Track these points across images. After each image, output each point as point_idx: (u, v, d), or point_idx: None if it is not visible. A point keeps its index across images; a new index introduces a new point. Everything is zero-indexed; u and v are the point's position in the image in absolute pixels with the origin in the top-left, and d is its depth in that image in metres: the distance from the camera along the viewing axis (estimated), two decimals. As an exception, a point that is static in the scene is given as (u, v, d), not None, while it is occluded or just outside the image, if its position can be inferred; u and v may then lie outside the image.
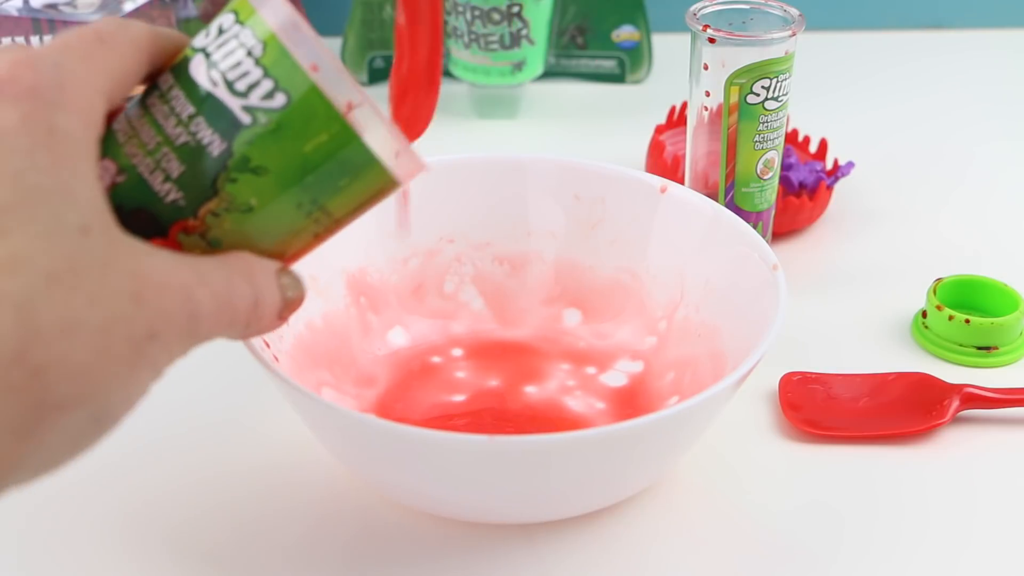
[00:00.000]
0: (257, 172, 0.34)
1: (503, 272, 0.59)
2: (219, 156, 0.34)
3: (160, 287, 0.31)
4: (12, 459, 0.28)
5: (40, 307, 0.28)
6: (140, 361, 0.30)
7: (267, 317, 0.36)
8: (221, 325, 0.33)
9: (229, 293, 0.33)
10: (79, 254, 0.29)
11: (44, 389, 0.28)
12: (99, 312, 0.29)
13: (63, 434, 0.29)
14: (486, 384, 0.56)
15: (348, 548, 0.47)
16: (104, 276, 0.29)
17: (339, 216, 0.37)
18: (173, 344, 0.31)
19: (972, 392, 0.54)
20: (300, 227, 0.36)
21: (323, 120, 0.34)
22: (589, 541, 0.48)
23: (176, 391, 0.56)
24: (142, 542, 0.47)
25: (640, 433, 0.43)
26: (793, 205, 0.67)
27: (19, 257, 0.28)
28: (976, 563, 0.47)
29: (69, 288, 0.28)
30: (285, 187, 0.35)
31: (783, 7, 0.59)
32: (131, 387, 0.30)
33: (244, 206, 0.35)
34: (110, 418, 0.30)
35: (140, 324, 0.30)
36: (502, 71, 0.81)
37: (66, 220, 0.29)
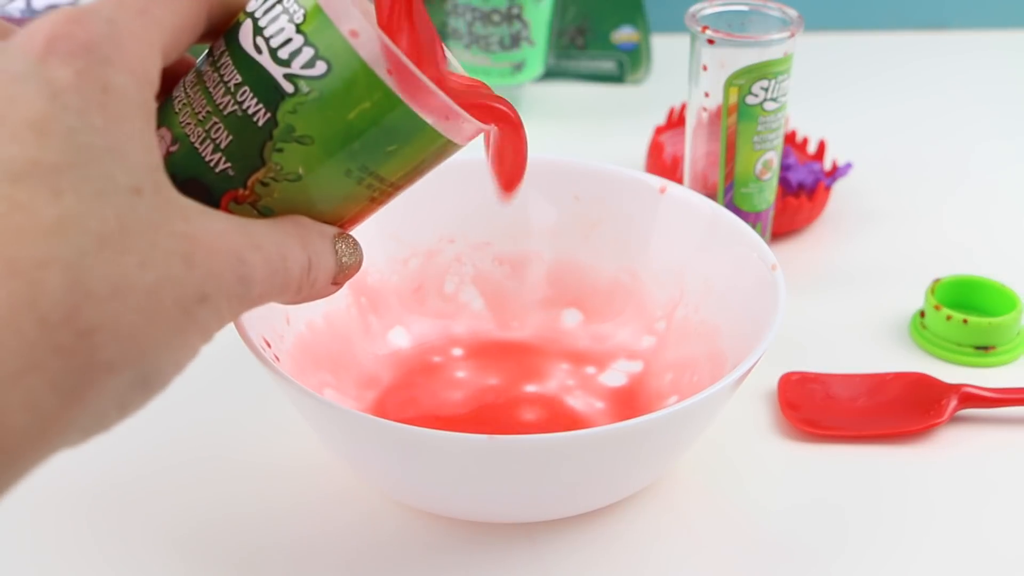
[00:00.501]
0: (302, 141, 0.34)
1: (503, 272, 0.59)
2: (264, 126, 0.33)
3: (211, 249, 0.30)
4: (61, 421, 0.28)
5: (90, 269, 0.27)
6: (189, 324, 0.30)
7: (320, 282, 0.35)
8: (273, 289, 0.33)
9: (282, 257, 0.33)
10: (130, 215, 0.29)
11: (93, 351, 0.27)
12: (150, 274, 0.29)
13: (111, 396, 0.29)
14: (486, 384, 0.56)
15: (348, 548, 0.47)
16: (155, 238, 0.29)
17: (394, 180, 0.36)
18: (223, 307, 0.31)
19: (970, 392, 0.54)
20: (353, 193, 0.35)
21: (364, 87, 0.33)
22: (589, 540, 0.48)
23: (177, 391, 0.56)
24: (142, 541, 0.48)
25: (640, 433, 0.43)
26: (792, 205, 0.67)
27: (70, 219, 0.28)
28: (975, 562, 0.48)
29: (120, 250, 0.28)
30: (331, 155, 0.34)
31: (782, 8, 0.59)
32: (180, 349, 0.30)
33: (292, 175, 0.34)
34: (159, 380, 0.30)
35: (191, 286, 0.30)
36: (502, 72, 0.81)
37: (118, 181, 0.29)
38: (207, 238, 0.31)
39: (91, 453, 0.52)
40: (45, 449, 0.28)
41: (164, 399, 0.56)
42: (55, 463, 0.51)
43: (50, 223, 0.27)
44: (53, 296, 0.27)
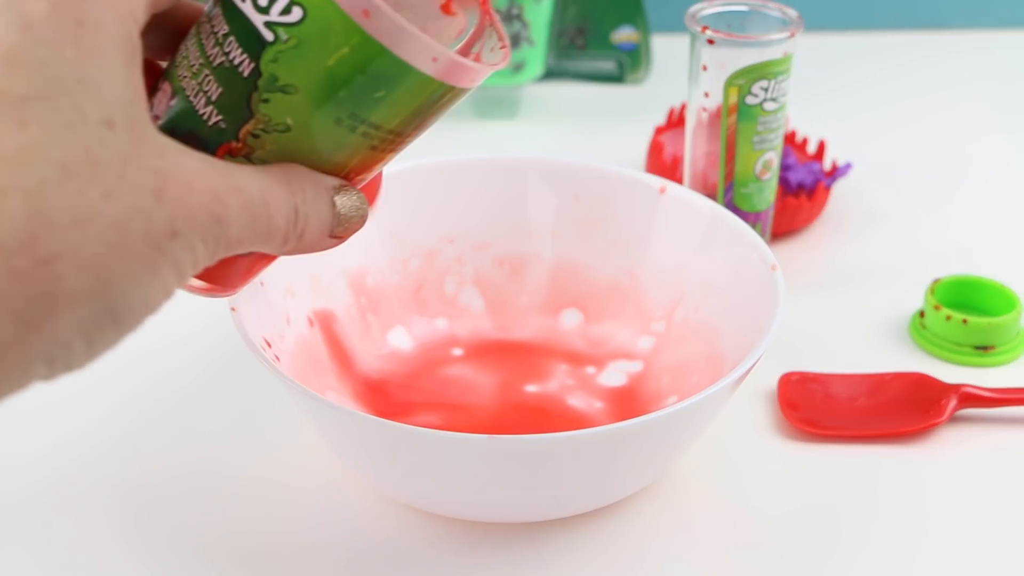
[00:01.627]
0: (286, 91, 0.33)
1: (503, 272, 0.59)
2: (250, 76, 0.33)
3: (184, 186, 0.30)
4: (21, 349, 0.27)
5: (52, 198, 0.27)
6: (160, 259, 0.29)
7: (312, 233, 0.35)
8: (255, 235, 0.33)
9: (264, 202, 0.33)
10: (98, 148, 0.28)
11: (53, 279, 0.27)
12: (115, 206, 0.28)
13: (75, 328, 0.28)
14: (486, 384, 0.56)
15: (348, 547, 0.47)
16: (123, 171, 0.29)
17: (394, 127, 0.35)
18: (197, 246, 0.30)
19: (969, 392, 0.54)
20: (349, 143, 0.35)
21: (341, 33, 0.33)
22: (589, 540, 0.48)
23: (177, 390, 0.56)
24: (142, 541, 0.48)
25: (639, 432, 0.43)
26: (791, 205, 0.67)
27: (33, 149, 0.27)
28: (974, 562, 0.48)
29: (84, 180, 0.28)
30: (318, 104, 0.34)
31: (781, 8, 0.59)
32: (150, 285, 0.30)
33: (281, 126, 0.34)
34: (129, 316, 0.29)
35: (160, 221, 0.29)
36: (502, 72, 0.81)
37: (88, 113, 0.28)
38: (181, 175, 0.30)
39: (91, 453, 0.52)
40: (5, 379, 0.28)
41: (165, 398, 0.56)
42: (54, 464, 0.51)
43: (12, 153, 0.27)
44: (10, 223, 0.27)
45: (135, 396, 0.55)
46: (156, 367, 0.57)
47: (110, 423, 0.54)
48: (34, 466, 0.51)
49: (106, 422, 0.54)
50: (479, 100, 0.83)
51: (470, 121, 0.83)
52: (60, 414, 0.54)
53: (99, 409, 0.55)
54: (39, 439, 0.53)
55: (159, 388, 0.56)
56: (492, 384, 0.56)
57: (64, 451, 0.52)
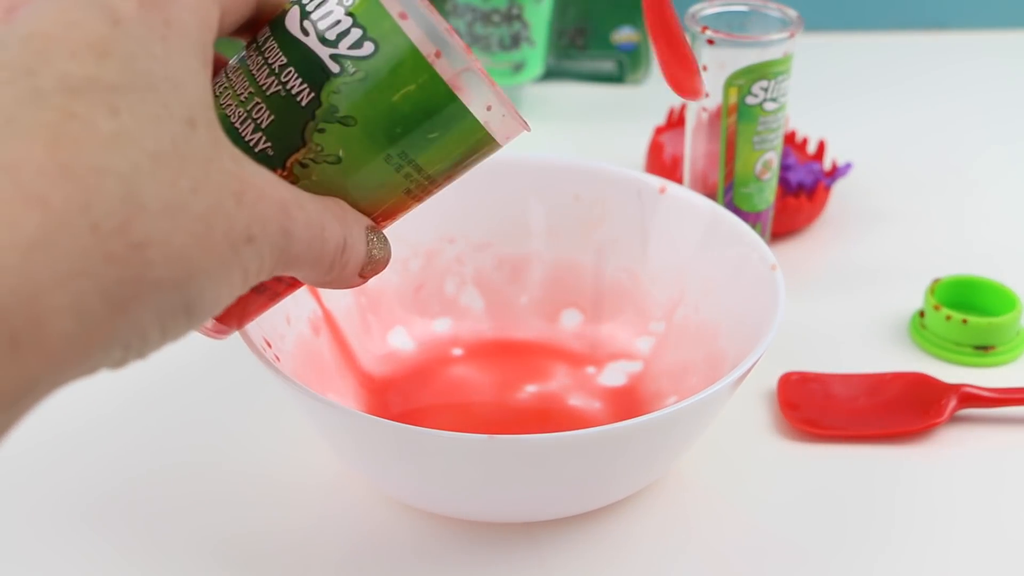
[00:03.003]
0: (345, 122, 0.34)
1: (503, 272, 0.59)
2: (307, 105, 0.34)
3: (260, 194, 0.31)
4: (107, 331, 0.27)
5: (145, 184, 0.28)
6: (235, 260, 0.30)
7: (351, 267, 0.35)
8: (309, 257, 0.33)
9: (321, 226, 0.33)
10: (184, 143, 0.29)
11: (144, 265, 0.27)
12: (202, 201, 0.29)
13: (155, 315, 0.28)
14: (486, 384, 0.56)
15: (348, 548, 0.47)
16: (208, 168, 0.29)
17: (432, 173, 0.36)
18: (266, 254, 0.31)
19: (969, 392, 0.54)
20: (390, 182, 0.35)
21: (410, 69, 0.33)
22: (589, 540, 0.48)
23: (177, 389, 0.56)
24: (143, 540, 0.48)
25: (639, 433, 0.43)
26: (791, 205, 0.67)
27: (126, 135, 0.28)
28: (973, 562, 0.48)
29: (174, 172, 0.28)
30: (373, 138, 0.34)
31: (781, 9, 0.59)
32: (224, 284, 0.30)
33: (332, 157, 0.34)
34: (200, 309, 0.30)
35: (240, 223, 0.30)
36: (502, 72, 0.81)
37: (173, 110, 0.29)
38: (256, 182, 0.31)
39: (89, 453, 0.52)
40: (87, 361, 0.28)
41: (165, 398, 0.56)
42: (53, 465, 0.51)
43: (106, 136, 0.27)
44: (107, 204, 0.27)
45: (135, 396, 0.55)
46: (156, 367, 0.57)
47: (110, 423, 0.54)
48: (32, 467, 0.51)
49: (106, 422, 0.54)
50: (479, 100, 0.83)
51: (470, 121, 0.82)
52: (60, 414, 0.54)
53: (99, 408, 0.55)
54: (37, 439, 0.53)
55: (158, 388, 0.56)
56: (492, 384, 0.56)
57: (63, 451, 0.52)
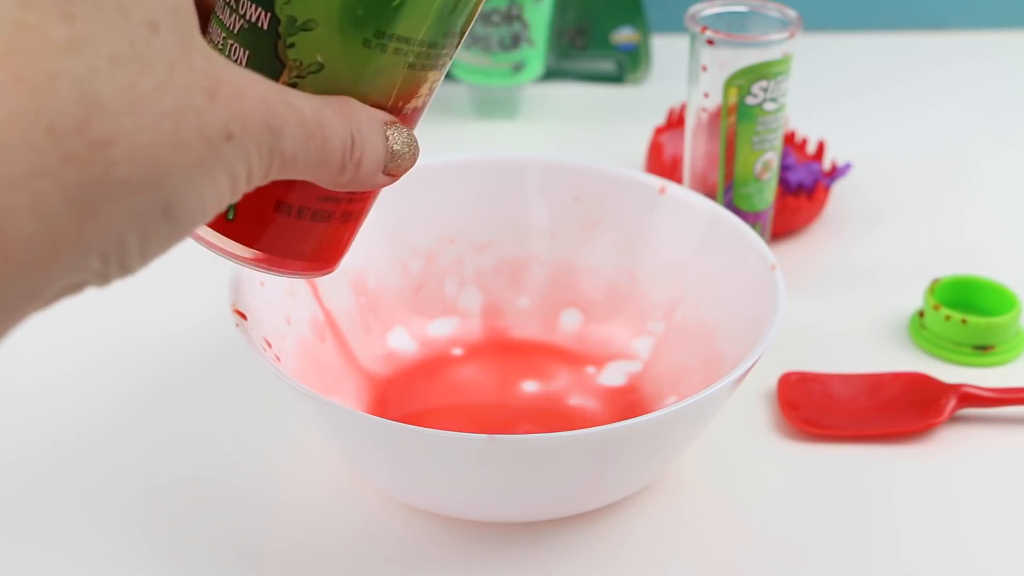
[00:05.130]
0: (307, 27, 0.33)
1: (503, 273, 0.59)
2: (269, 27, 0.34)
3: (237, 90, 0.30)
4: (75, 235, 0.27)
5: (102, 85, 0.27)
6: (215, 160, 0.29)
7: (367, 165, 0.34)
8: (310, 156, 0.32)
9: (319, 123, 0.32)
10: (143, 45, 0.28)
11: (107, 163, 0.27)
12: (167, 99, 0.28)
13: (131, 221, 0.28)
14: (486, 383, 0.56)
15: (348, 547, 0.47)
16: (172, 69, 0.29)
17: (423, 37, 0.35)
18: (251, 152, 0.30)
19: (969, 391, 0.54)
20: (385, 65, 0.35)
21: None
22: (589, 540, 0.48)
23: (177, 389, 0.56)
24: (143, 539, 0.48)
25: (639, 432, 0.43)
26: (791, 206, 0.67)
27: (81, 40, 0.27)
28: (973, 561, 0.48)
29: (133, 72, 0.28)
30: (340, 31, 0.34)
31: (781, 9, 0.59)
32: (205, 184, 0.29)
33: (314, 66, 0.34)
34: (182, 216, 0.29)
35: (214, 120, 0.29)
36: (502, 72, 0.81)
37: (132, 13, 0.28)
38: (234, 80, 0.30)
39: (89, 454, 0.52)
40: (59, 266, 0.27)
41: (165, 398, 0.56)
42: (52, 467, 0.51)
43: (60, 43, 0.27)
44: (62, 105, 0.27)
45: (134, 396, 0.55)
46: (155, 367, 0.57)
47: (108, 422, 0.54)
48: (31, 469, 0.51)
49: (104, 421, 0.54)
50: (479, 100, 0.83)
51: (470, 121, 0.83)
52: (58, 413, 0.54)
53: (98, 408, 0.55)
54: (36, 442, 0.53)
55: (157, 388, 0.56)
56: (492, 384, 0.56)
57: (62, 452, 0.52)
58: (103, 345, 0.58)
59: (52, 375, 0.56)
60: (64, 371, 0.57)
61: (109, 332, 0.59)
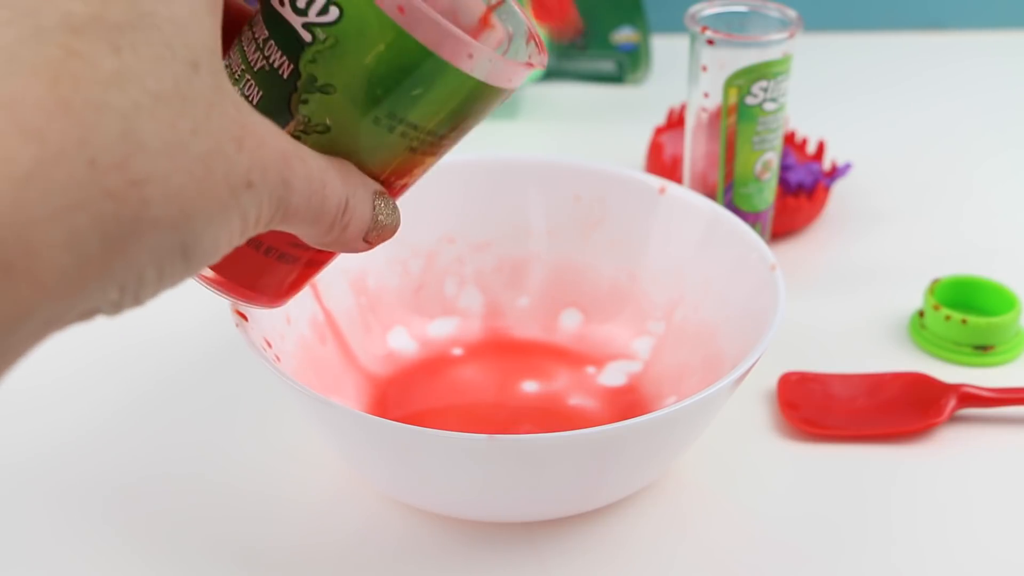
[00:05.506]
0: (325, 91, 0.34)
1: (503, 272, 0.59)
2: (289, 78, 0.34)
3: (261, 141, 0.30)
4: (102, 268, 0.27)
5: (145, 122, 0.27)
6: (234, 205, 0.30)
7: (353, 230, 0.35)
8: (308, 213, 0.33)
9: (322, 183, 0.33)
10: (186, 85, 0.29)
11: (142, 203, 0.27)
12: (202, 143, 0.29)
13: (152, 256, 0.28)
14: (486, 383, 0.56)
15: (348, 547, 0.47)
16: (209, 112, 0.29)
17: (432, 127, 0.35)
18: (264, 202, 0.31)
19: (969, 391, 0.54)
20: (388, 143, 0.35)
21: (377, 30, 0.33)
22: (589, 540, 0.48)
23: (177, 390, 0.56)
24: (143, 540, 0.48)
25: (639, 432, 0.43)
26: (791, 206, 0.67)
27: (128, 73, 0.28)
28: (973, 561, 0.48)
29: (175, 112, 0.28)
30: (355, 103, 0.34)
31: (781, 9, 0.59)
32: (222, 229, 0.30)
33: (320, 127, 0.34)
34: (197, 255, 0.30)
35: (240, 168, 0.30)
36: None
37: (177, 50, 0.29)
38: (258, 130, 0.31)
39: (85, 452, 0.52)
40: (82, 298, 0.27)
41: (165, 398, 0.56)
42: (51, 466, 0.51)
43: (108, 74, 0.27)
44: (105, 140, 0.27)
45: (134, 396, 0.55)
46: (155, 367, 0.57)
47: (108, 423, 0.54)
48: (31, 470, 0.51)
49: (104, 422, 0.54)
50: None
51: (470, 121, 0.83)
52: (58, 414, 0.54)
53: (98, 409, 0.55)
54: (36, 443, 0.53)
55: (157, 388, 0.56)
56: (492, 384, 0.56)
57: (61, 453, 0.52)
58: (103, 346, 0.58)
59: (52, 376, 0.56)
60: (64, 372, 0.57)
61: (109, 333, 0.59)
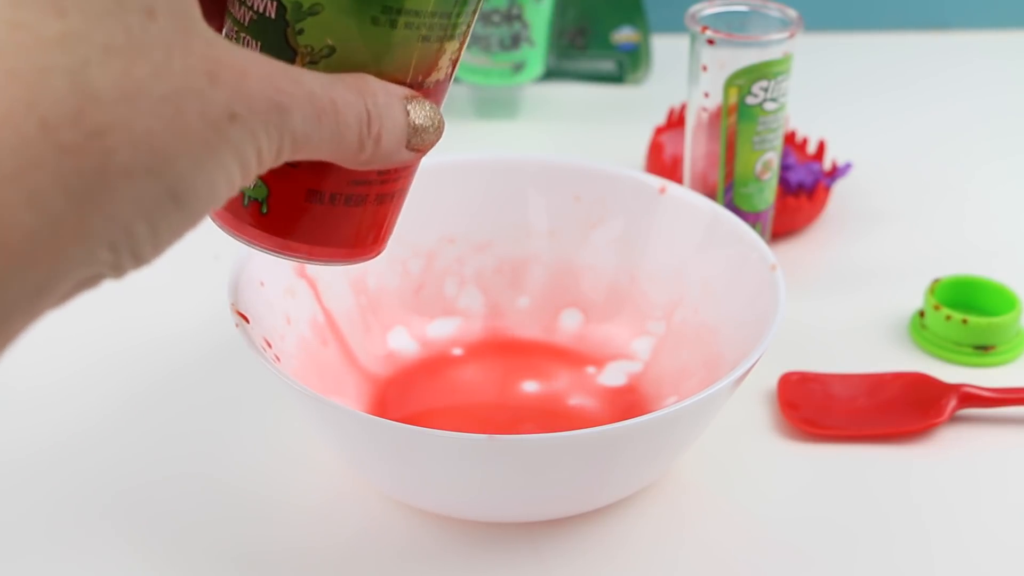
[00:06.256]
0: (314, 11, 0.33)
1: (503, 273, 0.59)
2: (277, 16, 0.33)
3: (239, 71, 0.30)
4: (78, 226, 0.27)
5: (95, 75, 0.27)
6: (220, 143, 0.29)
7: (388, 140, 0.34)
8: (323, 134, 0.32)
9: (331, 100, 0.32)
10: (140, 33, 0.28)
11: (105, 152, 0.27)
12: (165, 84, 0.28)
13: (137, 209, 0.28)
14: (486, 384, 0.56)
15: (348, 547, 0.47)
16: (170, 53, 0.28)
17: (432, 7, 0.34)
18: (259, 132, 0.30)
19: (969, 392, 0.54)
20: (397, 40, 0.34)
21: None
22: (589, 540, 0.48)
23: (177, 390, 0.56)
24: (142, 540, 0.48)
25: (639, 433, 0.43)
26: (791, 205, 0.67)
27: (74, 33, 0.27)
28: (974, 562, 0.48)
29: (128, 60, 0.28)
30: (347, 12, 0.33)
31: (781, 9, 0.59)
32: (213, 168, 0.29)
33: (325, 50, 0.34)
34: (192, 201, 0.29)
35: (216, 102, 0.29)
36: (502, 72, 0.81)
37: (126, 2, 0.28)
38: (235, 61, 0.30)
39: (85, 453, 0.52)
40: (65, 262, 0.27)
41: (164, 399, 0.56)
42: (49, 464, 0.51)
43: (53, 37, 0.27)
44: (54, 98, 0.26)
45: (134, 397, 0.55)
46: (155, 368, 0.57)
47: (108, 423, 0.54)
48: (31, 469, 0.51)
49: (104, 422, 0.54)
50: (479, 100, 0.83)
51: (470, 121, 0.83)
52: (58, 414, 0.54)
53: (98, 409, 0.55)
54: (36, 443, 0.53)
55: (157, 389, 0.56)
56: (492, 384, 0.56)
57: (60, 453, 0.52)
58: (103, 347, 0.58)
59: (52, 376, 0.56)
60: (64, 372, 0.57)
61: (109, 333, 0.59)
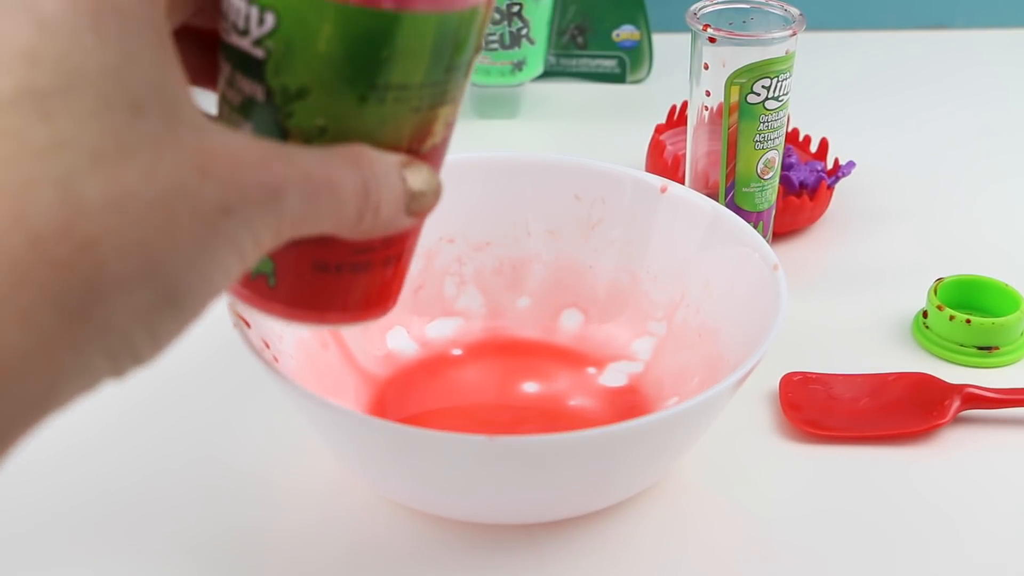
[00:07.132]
0: (302, 95, 0.33)
1: (503, 273, 0.59)
2: (266, 100, 0.33)
3: (232, 161, 0.29)
4: (71, 341, 0.27)
5: (83, 184, 0.27)
6: (214, 238, 0.28)
7: (387, 210, 0.33)
8: (321, 211, 0.31)
9: (327, 177, 0.31)
10: (128, 132, 0.28)
11: (96, 265, 0.26)
12: (155, 185, 0.28)
13: (130, 315, 0.27)
14: (486, 384, 0.56)
15: (348, 548, 0.47)
16: (159, 151, 0.28)
17: (421, 80, 0.34)
18: (255, 222, 0.29)
19: (973, 392, 0.54)
20: (388, 115, 0.34)
21: (315, 13, 0.32)
22: (589, 541, 0.48)
23: (176, 390, 0.56)
24: (142, 541, 0.47)
25: (640, 433, 0.43)
26: (794, 205, 0.67)
27: (61, 139, 0.27)
28: (976, 562, 0.47)
29: (115, 164, 0.27)
30: (335, 93, 0.33)
31: (784, 6, 0.59)
32: (208, 266, 0.29)
33: (315, 130, 0.33)
34: (189, 301, 0.29)
35: (209, 198, 0.28)
36: (502, 71, 0.81)
37: (113, 100, 0.28)
38: (227, 150, 0.29)
39: (84, 454, 0.52)
40: (62, 376, 0.27)
41: (164, 399, 0.56)
42: (47, 463, 0.51)
43: (40, 146, 0.27)
44: (45, 212, 0.26)
45: (133, 398, 0.55)
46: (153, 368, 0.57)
47: (107, 423, 0.54)
48: (29, 467, 0.51)
49: (103, 422, 0.54)
50: (479, 100, 0.82)
51: (470, 121, 0.82)
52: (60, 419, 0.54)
53: (97, 409, 0.54)
54: (34, 440, 0.52)
55: (155, 388, 0.56)
56: (492, 385, 0.56)
57: (60, 453, 0.52)
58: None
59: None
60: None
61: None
